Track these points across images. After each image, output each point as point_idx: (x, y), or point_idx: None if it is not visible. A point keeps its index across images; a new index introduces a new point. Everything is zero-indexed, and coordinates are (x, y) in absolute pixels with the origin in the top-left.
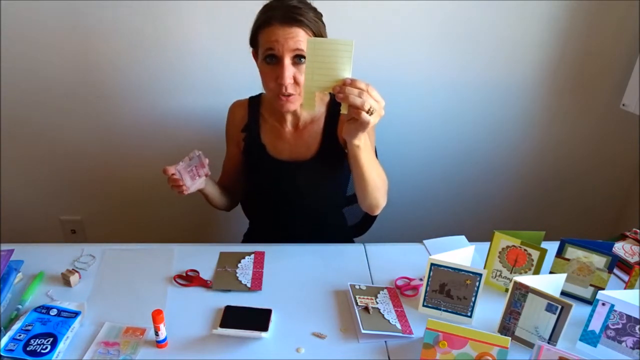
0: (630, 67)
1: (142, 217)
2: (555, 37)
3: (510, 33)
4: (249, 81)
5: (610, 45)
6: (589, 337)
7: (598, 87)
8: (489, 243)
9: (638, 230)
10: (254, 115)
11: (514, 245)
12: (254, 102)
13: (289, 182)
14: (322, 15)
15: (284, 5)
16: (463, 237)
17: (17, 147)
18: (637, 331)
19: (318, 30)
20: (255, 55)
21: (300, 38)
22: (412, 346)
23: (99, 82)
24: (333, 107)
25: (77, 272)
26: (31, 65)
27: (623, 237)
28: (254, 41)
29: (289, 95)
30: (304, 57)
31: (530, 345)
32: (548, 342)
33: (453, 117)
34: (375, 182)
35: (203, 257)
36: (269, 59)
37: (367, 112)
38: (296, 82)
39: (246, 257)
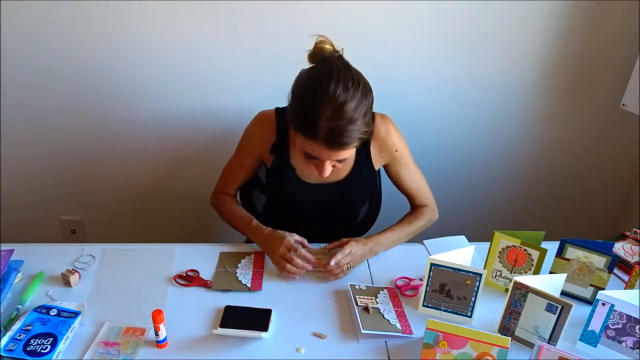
0: (630, 67)
1: (142, 217)
2: (555, 37)
3: (510, 33)
4: (249, 82)
5: (610, 45)
6: (589, 337)
7: (598, 87)
8: (489, 243)
9: (638, 230)
10: (282, 135)
11: (514, 245)
12: (283, 120)
13: (315, 202)
14: (372, 100)
15: (330, 126)
16: (463, 237)
17: (17, 147)
18: (637, 331)
19: (365, 137)
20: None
21: (343, 154)
22: (412, 346)
23: (99, 82)
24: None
25: (77, 272)
26: (31, 65)
27: (623, 237)
28: (293, 125)
29: None
30: (346, 159)
31: (530, 345)
32: (548, 342)
33: (452, 117)
34: (416, 234)
35: (203, 257)
36: (308, 156)
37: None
38: (334, 167)
39: (246, 257)
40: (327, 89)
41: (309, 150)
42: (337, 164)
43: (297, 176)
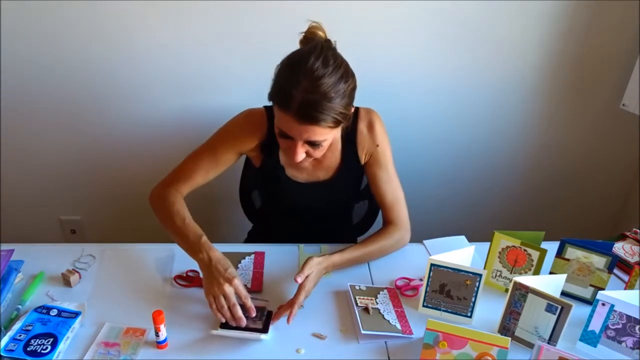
0: (630, 67)
1: (142, 217)
2: (555, 36)
3: (510, 32)
4: (248, 81)
5: (610, 45)
6: (589, 337)
7: (598, 87)
8: (489, 243)
9: (638, 230)
10: (272, 134)
11: (514, 246)
12: (272, 118)
13: (305, 201)
14: (354, 87)
15: (304, 97)
16: (463, 237)
17: (17, 147)
18: (637, 331)
19: (340, 120)
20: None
21: (315, 133)
22: (412, 346)
23: (99, 82)
24: (348, 129)
25: (77, 272)
26: (31, 65)
27: (623, 237)
28: (270, 99)
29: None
30: (319, 142)
31: (530, 345)
32: (548, 342)
33: (452, 117)
34: (375, 257)
35: None
36: (281, 135)
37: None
38: (309, 155)
39: (246, 258)
40: (307, 63)
41: (283, 125)
42: (311, 150)
43: (287, 176)
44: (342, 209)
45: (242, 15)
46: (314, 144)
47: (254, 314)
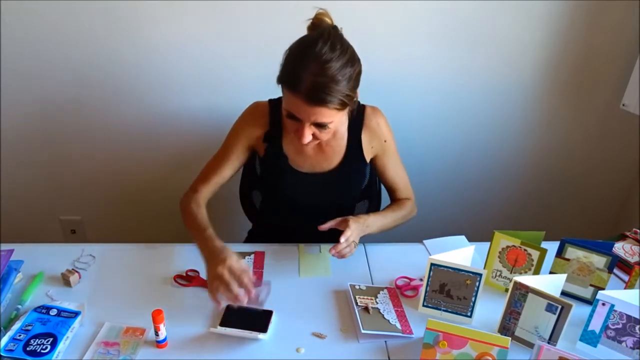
0: (630, 67)
1: (142, 217)
2: (555, 37)
3: (510, 33)
4: (249, 81)
5: (610, 45)
6: (589, 337)
7: (598, 87)
8: (489, 243)
9: (638, 230)
10: (276, 124)
11: (514, 245)
12: (276, 109)
13: (307, 193)
14: (359, 71)
15: (313, 80)
16: (463, 237)
17: (17, 147)
18: (637, 331)
19: (347, 102)
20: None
21: (323, 115)
22: (412, 346)
23: (99, 82)
24: (355, 121)
25: (77, 272)
26: (31, 65)
27: (623, 237)
28: (279, 82)
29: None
30: (326, 124)
31: (530, 345)
32: (548, 342)
33: (452, 117)
34: (399, 223)
35: None
36: (290, 116)
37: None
38: (315, 137)
39: (246, 257)
40: (314, 47)
41: (291, 107)
42: (318, 132)
43: (290, 165)
44: (342, 206)
45: (245, 14)
46: (320, 126)
47: (252, 292)
